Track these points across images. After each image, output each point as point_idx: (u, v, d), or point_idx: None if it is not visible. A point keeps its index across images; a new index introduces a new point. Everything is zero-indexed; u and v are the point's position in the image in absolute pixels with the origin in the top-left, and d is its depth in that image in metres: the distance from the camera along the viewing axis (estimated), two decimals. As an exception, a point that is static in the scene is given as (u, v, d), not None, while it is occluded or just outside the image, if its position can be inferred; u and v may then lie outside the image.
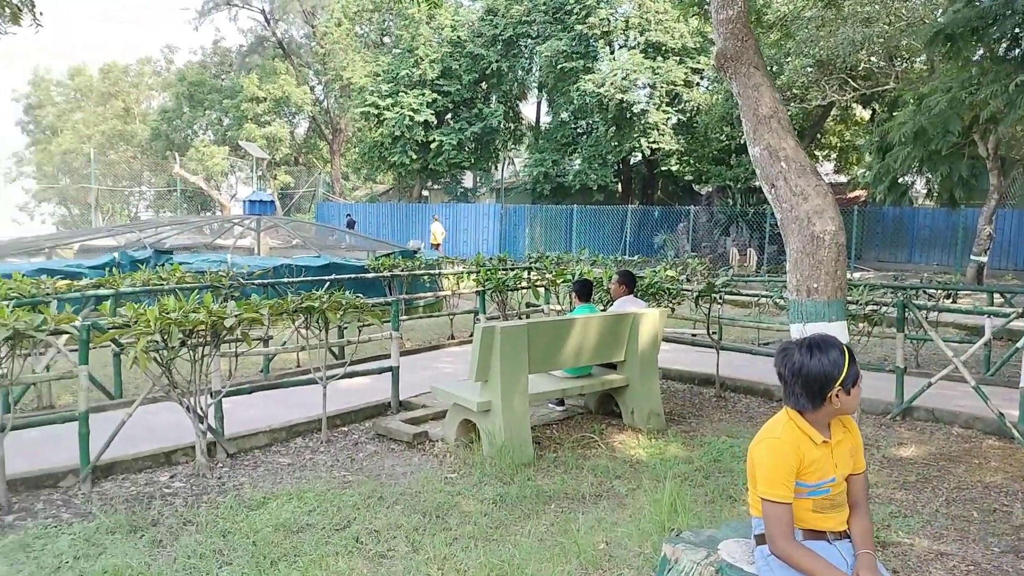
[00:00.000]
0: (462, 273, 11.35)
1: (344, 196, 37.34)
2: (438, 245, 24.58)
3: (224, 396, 5.21)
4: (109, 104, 42.05)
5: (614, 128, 24.71)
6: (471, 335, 10.39)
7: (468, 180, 36.24)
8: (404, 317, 9.62)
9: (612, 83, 23.52)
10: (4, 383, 4.34)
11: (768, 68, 4.84)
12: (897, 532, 3.91)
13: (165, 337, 4.56)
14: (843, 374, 2.25)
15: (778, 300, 8.57)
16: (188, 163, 33.13)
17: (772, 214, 21.51)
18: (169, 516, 4.12)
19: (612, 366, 6.18)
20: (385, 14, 32.39)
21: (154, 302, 5.28)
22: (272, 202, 20.44)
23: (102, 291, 7.22)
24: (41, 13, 6.33)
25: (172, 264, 9.77)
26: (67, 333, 4.70)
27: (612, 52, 26.08)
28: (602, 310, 6.74)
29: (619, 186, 29.25)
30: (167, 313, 4.58)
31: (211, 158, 33.89)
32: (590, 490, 4.55)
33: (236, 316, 4.84)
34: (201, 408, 4.94)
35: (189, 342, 4.77)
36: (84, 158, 36.16)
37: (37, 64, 44.35)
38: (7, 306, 4.51)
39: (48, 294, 6.81)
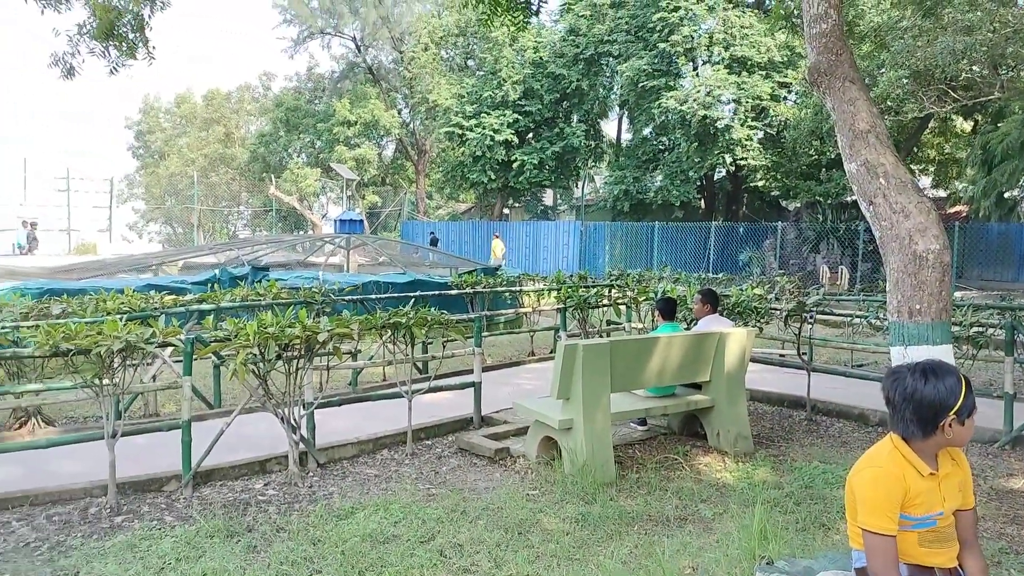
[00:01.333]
0: (543, 290, 11.38)
1: (428, 215, 38.16)
2: (498, 260, 24.85)
3: (315, 408, 5.40)
4: (211, 129, 44.59)
5: (697, 144, 24.31)
6: (551, 352, 10.40)
7: (548, 198, 36.37)
8: (485, 333, 9.71)
9: (695, 99, 23.18)
10: (116, 391, 4.65)
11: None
12: (1009, 570, 3.65)
13: (263, 350, 4.78)
14: (959, 402, 2.14)
15: (873, 320, 8.19)
16: (283, 184, 34.67)
17: (865, 230, 20.65)
18: (263, 523, 4.29)
19: (697, 386, 6.05)
20: (470, 38, 33.09)
21: (252, 317, 5.54)
22: (361, 221, 21.11)
23: (205, 306, 7.63)
24: (154, 47, 6.80)
25: (268, 280, 10.23)
26: (173, 345, 4.99)
27: (695, 68, 25.73)
28: (686, 329, 6.62)
29: (702, 202, 28.70)
30: (265, 328, 4.80)
31: (304, 179, 35.35)
32: (675, 513, 4.46)
33: (328, 331, 5.03)
34: (294, 419, 5.13)
35: (285, 355, 4.97)
36: (188, 180, 38.43)
37: (147, 93, 47.39)
38: (120, 319, 4.83)
39: (156, 308, 7.26)
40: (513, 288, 11.65)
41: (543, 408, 5.40)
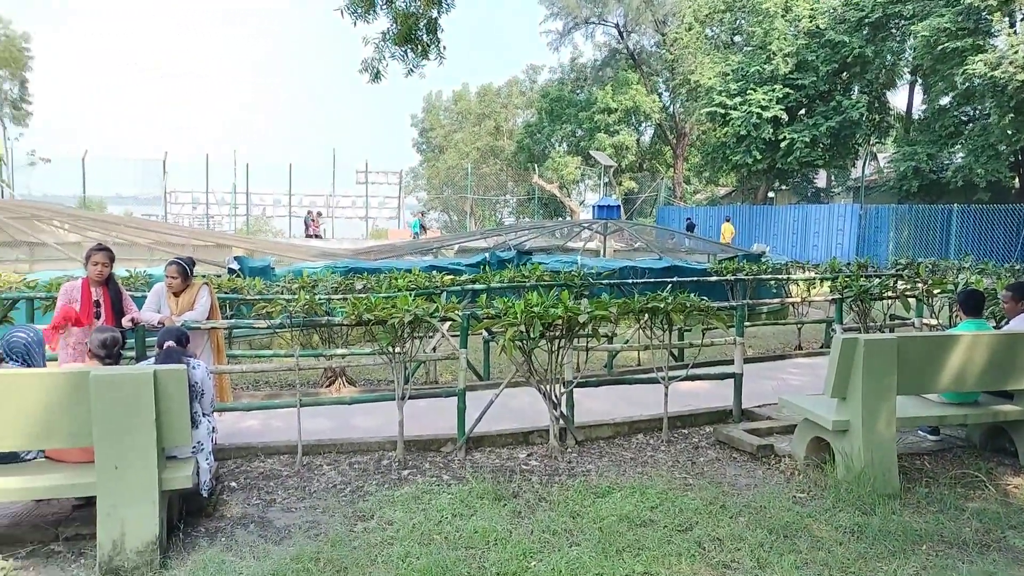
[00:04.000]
0: (813, 279, 10.53)
1: (684, 200, 37.30)
2: (728, 245, 23.62)
3: (574, 386, 5.58)
4: (483, 124, 47.91)
5: (1012, 114, 20.62)
6: (821, 346, 9.62)
7: (821, 179, 33.49)
8: (747, 323, 9.26)
9: (1012, 62, 19.65)
10: (405, 359, 5.22)
11: None
12: None
13: (528, 328, 5.04)
14: None
15: None
16: (545, 172, 36.19)
17: None
18: (527, 491, 4.55)
19: (1008, 395, 5.18)
20: (737, 13, 31.46)
21: (518, 297, 5.87)
22: (617, 207, 21.33)
23: (477, 286, 8.28)
24: (444, 47, 7.41)
25: (532, 263, 10.78)
26: (451, 320, 5.47)
27: (1012, 25, 21.80)
28: (995, 327, 5.69)
29: (1015, 181, 24.37)
30: (531, 307, 5.06)
31: (565, 167, 36.54)
32: (973, 537, 3.88)
33: (588, 313, 5.15)
34: (555, 396, 5.36)
35: (547, 334, 5.20)
36: (462, 172, 41.72)
37: (429, 92, 52.22)
38: (409, 296, 5.41)
39: (436, 287, 8.03)
40: (779, 276, 10.95)
41: (814, 406, 5.01)
